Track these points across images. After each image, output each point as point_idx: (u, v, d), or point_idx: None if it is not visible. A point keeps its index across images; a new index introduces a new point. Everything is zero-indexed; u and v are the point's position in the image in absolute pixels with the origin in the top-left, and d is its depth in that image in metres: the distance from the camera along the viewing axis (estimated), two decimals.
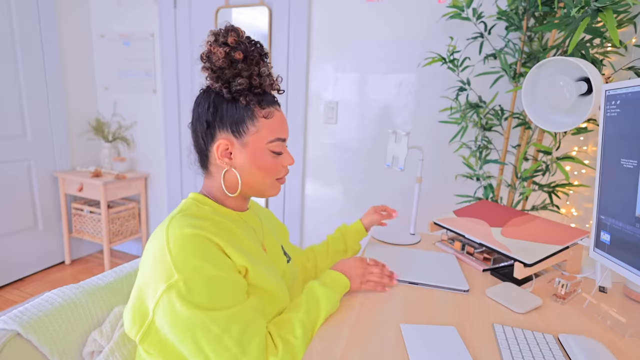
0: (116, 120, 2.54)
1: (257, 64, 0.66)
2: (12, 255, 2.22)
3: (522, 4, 1.39)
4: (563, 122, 1.07)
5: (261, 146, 0.69)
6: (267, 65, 0.68)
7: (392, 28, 1.78)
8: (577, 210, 1.55)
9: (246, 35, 0.67)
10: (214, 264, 0.59)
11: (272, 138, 0.69)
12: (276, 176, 0.73)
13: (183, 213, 0.65)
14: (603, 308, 0.80)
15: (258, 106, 0.68)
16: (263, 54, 0.67)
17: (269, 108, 0.69)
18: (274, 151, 0.71)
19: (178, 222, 0.61)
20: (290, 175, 2.11)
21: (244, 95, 0.67)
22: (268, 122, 0.69)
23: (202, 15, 2.16)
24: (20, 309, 0.63)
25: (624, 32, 1.32)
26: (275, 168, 0.72)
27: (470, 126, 1.63)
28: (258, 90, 0.68)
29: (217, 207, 0.72)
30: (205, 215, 0.66)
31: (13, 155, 2.16)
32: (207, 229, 0.61)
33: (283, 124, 0.72)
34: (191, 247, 0.59)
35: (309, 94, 2.01)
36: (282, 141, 0.71)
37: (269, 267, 0.71)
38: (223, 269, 0.60)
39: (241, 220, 0.75)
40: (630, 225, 0.70)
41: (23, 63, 2.13)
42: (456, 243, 1.10)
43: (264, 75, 0.67)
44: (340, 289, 0.76)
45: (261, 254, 0.72)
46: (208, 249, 0.59)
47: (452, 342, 0.66)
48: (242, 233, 0.70)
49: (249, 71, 0.65)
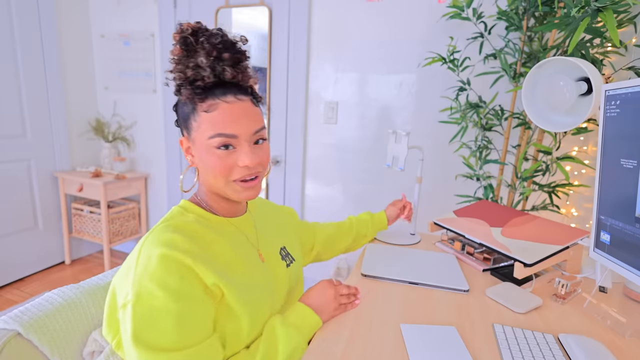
0: (116, 120, 2.54)
1: (201, 56, 0.61)
2: (12, 255, 2.22)
3: (522, 4, 1.39)
4: (563, 122, 1.07)
5: (203, 142, 0.63)
6: (219, 56, 0.61)
7: (392, 28, 1.78)
8: (577, 210, 1.55)
9: (203, 27, 0.62)
10: (171, 292, 0.54)
11: (212, 133, 0.62)
12: (228, 177, 0.64)
13: (165, 224, 0.62)
14: (603, 308, 0.80)
15: (199, 100, 0.62)
16: (216, 43, 0.61)
17: (212, 101, 0.62)
18: (218, 147, 0.62)
19: (154, 238, 0.59)
20: (291, 175, 2.11)
21: (184, 89, 0.63)
22: (208, 117, 0.62)
23: (202, 15, 2.16)
24: (20, 308, 0.63)
25: (624, 32, 1.32)
26: (223, 167, 0.63)
27: (470, 126, 1.63)
28: (199, 82, 0.62)
29: (203, 215, 0.68)
30: (185, 226, 0.63)
31: (13, 155, 2.16)
32: (180, 246, 0.57)
33: (228, 118, 0.62)
34: (154, 269, 0.55)
35: (309, 94, 2.01)
36: (227, 137, 0.62)
37: (254, 283, 0.66)
38: (182, 298, 0.54)
39: (231, 227, 0.71)
40: (630, 226, 0.70)
41: (23, 63, 2.13)
42: (456, 243, 1.10)
43: (203, 65, 0.61)
44: (307, 330, 0.67)
45: (250, 266, 0.68)
46: (171, 275, 0.55)
47: (452, 342, 0.66)
48: (227, 244, 0.66)
49: (185, 64, 0.61)
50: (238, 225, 0.73)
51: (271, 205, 0.92)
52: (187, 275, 0.56)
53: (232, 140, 0.63)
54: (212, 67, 0.61)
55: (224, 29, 0.64)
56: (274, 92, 2.08)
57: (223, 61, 0.62)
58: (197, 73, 0.61)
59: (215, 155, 0.63)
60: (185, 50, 0.61)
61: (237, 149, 0.64)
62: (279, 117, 2.09)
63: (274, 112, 2.09)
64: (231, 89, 0.63)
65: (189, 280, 0.56)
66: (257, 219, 0.80)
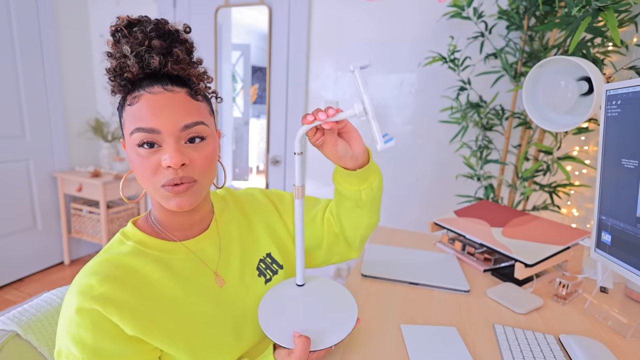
0: (115, 120, 2.53)
1: (126, 44, 0.54)
2: (10, 256, 2.21)
3: (523, 4, 1.39)
4: (564, 122, 1.06)
5: (127, 141, 0.54)
6: (149, 45, 0.54)
7: (393, 27, 1.78)
8: (578, 211, 1.55)
9: (143, 19, 0.56)
10: (88, 351, 0.49)
11: (132, 128, 0.52)
12: (154, 181, 0.53)
13: (96, 260, 0.56)
14: (604, 308, 0.80)
15: (123, 92, 0.55)
16: (148, 31, 0.54)
17: (137, 92, 0.53)
18: (140, 145, 0.53)
19: (75, 283, 0.53)
20: (290, 175, 2.11)
21: (113, 83, 0.55)
22: (131, 110, 0.53)
23: (201, 14, 2.15)
24: (19, 309, 0.63)
25: (625, 31, 1.31)
26: (144, 168, 0.53)
27: (470, 126, 1.63)
28: (127, 74, 0.53)
29: (143, 241, 0.59)
30: (116, 261, 0.55)
31: (12, 155, 2.15)
32: (96, 293, 0.50)
33: (149, 110, 0.52)
34: (69, 324, 0.50)
35: (309, 93, 2.01)
36: (147, 132, 0.51)
37: (200, 316, 0.57)
38: (99, 357, 0.49)
39: (179, 251, 0.60)
40: (631, 226, 0.70)
41: (22, 62, 2.13)
42: (457, 243, 1.09)
43: (128, 54, 0.53)
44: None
45: (197, 296, 0.58)
46: (86, 330, 0.49)
47: (452, 343, 0.66)
48: (165, 275, 0.57)
49: (114, 55, 0.54)
50: (192, 246, 0.62)
51: (261, 199, 0.77)
52: (101, 327, 0.50)
53: (154, 136, 0.52)
54: (139, 56, 0.53)
55: (168, 20, 0.57)
56: (274, 92, 2.07)
57: (152, 49, 0.53)
58: (123, 63, 0.53)
59: (138, 155, 0.53)
60: (115, 42, 0.55)
61: (163, 147, 0.53)
62: (278, 117, 2.09)
63: (274, 112, 2.09)
64: (161, 80, 0.54)
65: (104, 333, 0.50)
66: (232, 227, 0.69)
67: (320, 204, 0.78)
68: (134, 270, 0.55)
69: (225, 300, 0.61)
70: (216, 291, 0.61)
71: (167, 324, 0.54)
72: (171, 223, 0.61)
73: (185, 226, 0.62)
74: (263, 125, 2.13)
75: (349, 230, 0.72)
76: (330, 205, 0.76)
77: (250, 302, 0.64)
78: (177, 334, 0.54)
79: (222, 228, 0.67)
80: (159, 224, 0.61)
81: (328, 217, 0.75)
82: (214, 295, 0.60)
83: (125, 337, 0.51)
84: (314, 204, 0.78)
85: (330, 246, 0.75)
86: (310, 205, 0.78)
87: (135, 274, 0.55)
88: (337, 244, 0.75)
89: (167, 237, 0.61)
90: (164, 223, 0.61)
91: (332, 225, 0.74)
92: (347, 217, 0.70)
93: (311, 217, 0.76)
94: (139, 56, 0.53)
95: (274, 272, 0.70)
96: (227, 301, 0.61)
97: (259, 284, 0.67)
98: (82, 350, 0.49)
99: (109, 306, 0.50)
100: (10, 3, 2.04)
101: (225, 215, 0.69)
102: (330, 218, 0.75)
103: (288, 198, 0.78)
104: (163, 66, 0.54)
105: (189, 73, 0.56)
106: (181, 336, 0.54)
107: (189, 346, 0.54)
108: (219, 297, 0.61)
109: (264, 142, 2.16)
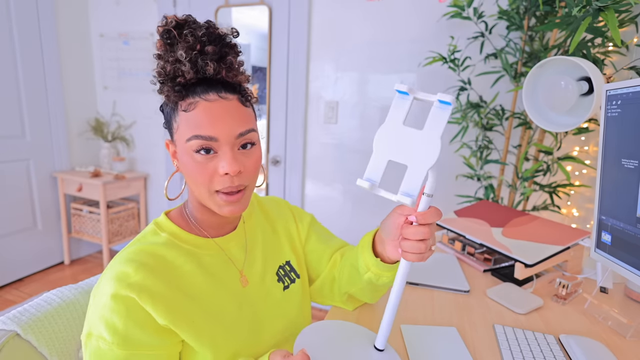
0: (115, 120, 2.53)
1: (180, 49, 0.53)
2: (11, 256, 2.21)
3: (523, 4, 1.38)
4: (564, 122, 1.06)
5: (183, 146, 0.56)
6: (202, 50, 0.54)
7: (393, 27, 1.78)
8: (578, 211, 1.55)
9: (190, 20, 0.55)
10: (118, 336, 0.50)
11: (189, 135, 0.54)
12: (210, 186, 0.56)
13: (130, 249, 0.57)
14: (604, 309, 0.80)
15: (178, 98, 0.55)
16: (200, 36, 0.53)
17: (192, 99, 0.54)
18: (196, 151, 0.55)
19: (111, 268, 0.54)
20: (290, 175, 2.11)
21: (165, 87, 0.56)
22: (187, 116, 0.55)
23: (201, 14, 2.15)
24: (19, 309, 0.62)
25: (626, 31, 1.31)
26: (202, 175, 0.55)
27: (470, 126, 1.63)
28: (180, 79, 0.54)
29: (176, 234, 0.61)
30: (150, 251, 0.57)
31: (12, 155, 2.15)
32: (131, 280, 0.52)
33: (207, 118, 0.54)
34: (103, 308, 0.51)
35: (309, 93, 2.00)
36: (205, 140, 0.54)
37: (224, 313, 0.59)
38: (128, 345, 0.51)
39: (210, 247, 0.62)
40: (631, 226, 0.70)
41: (22, 62, 2.13)
42: (457, 243, 1.09)
43: (183, 60, 0.53)
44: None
45: (223, 293, 0.60)
46: (119, 316, 0.51)
47: (452, 343, 0.66)
48: (196, 269, 0.58)
49: (166, 58, 0.54)
50: (222, 244, 0.64)
51: (284, 209, 0.79)
52: (134, 314, 0.51)
53: (211, 143, 0.54)
54: (193, 61, 0.53)
55: (215, 22, 0.57)
56: (274, 92, 2.07)
57: (206, 55, 0.54)
58: (177, 68, 0.54)
59: (195, 161, 0.55)
60: (167, 44, 0.54)
61: (219, 153, 0.55)
62: (278, 117, 2.09)
63: (274, 112, 2.09)
64: (215, 87, 0.55)
65: (135, 321, 0.51)
66: (257, 231, 0.71)
67: (334, 243, 0.78)
68: (168, 261, 0.57)
69: (247, 301, 0.63)
70: (240, 291, 0.63)
71: (195, 318, 0.55)
72: (207, 221, 0.63)
73: (219, 225, 0.64)
74: (263, 125, 2.13)
75: (347, 289, 0.72)
76: (343, 251, 0.76)
77: (269, 306, 0.65)
78: (203, 328, 0.55)
79: (249, 230, 0.70)
80: (195, 219, 0.63)
81: (335, 259, 0.75)
82: (238, 295, 0.62)
83: (156, 327, 0.52)
84: (328, 238, 0.79)
85: (322, 285, 0.76)
86: (323, 237, 0.78)
87: (169, 265, 0.57)
88: (329, 286, 0.75)
89: (200, 232, 0.63)
90: (200, 220, 0.63)
91: (335, 268, 0.74)
92: (357, 289, 0.70)
93: (320, 252, 0.76)
94: (193, 61, 0.54)
95: (291, 280, 0.71)
96: (248, 302, 0.63)
97: (278, 289, 0.68)
98: (113, 335, 0.50)
99: (143, 294, 0.52)
100: (10, 3, 2.04)
101: (252, 217, 0.72)
102: (337, 260, 0.75)
103: (308, 219, 0.79)
104: (217, 73, 0.55)
105: (240, 80, 0.58)
106: (206, 331, 0.56)
107: (213, 342, 0.56)
108: (242, 297, 0.62)
109: (264, 142, 2.16)
